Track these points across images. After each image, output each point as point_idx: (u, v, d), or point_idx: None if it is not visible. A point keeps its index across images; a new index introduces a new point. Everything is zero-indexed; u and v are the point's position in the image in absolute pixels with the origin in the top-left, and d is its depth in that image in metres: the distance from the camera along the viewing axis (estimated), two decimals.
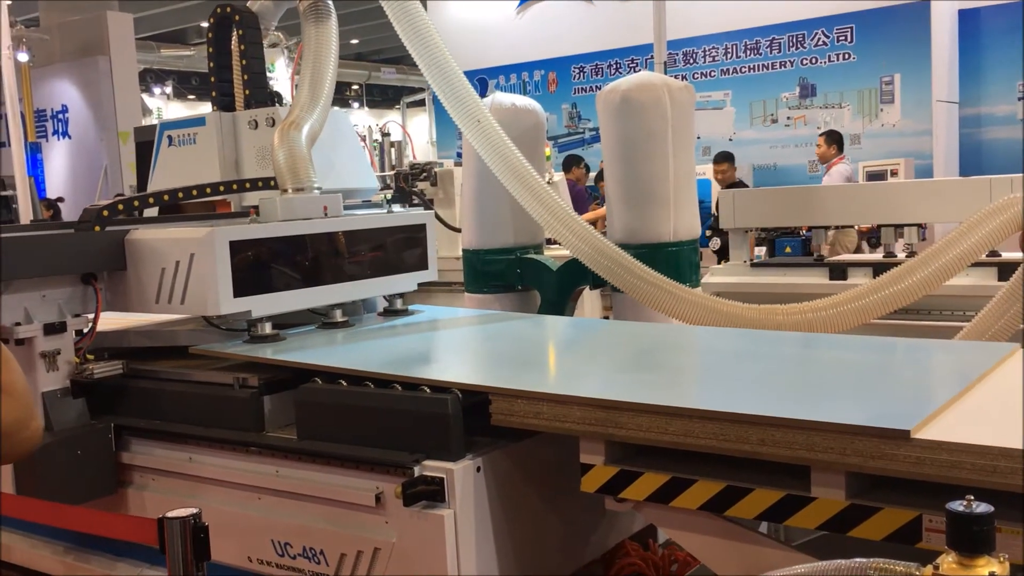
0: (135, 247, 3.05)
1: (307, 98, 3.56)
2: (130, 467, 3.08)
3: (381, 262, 3.50)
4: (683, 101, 4.36)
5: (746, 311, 3.52)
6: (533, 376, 2.82)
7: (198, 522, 1.61)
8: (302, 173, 3.38)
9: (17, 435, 1.52)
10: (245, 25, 3.87)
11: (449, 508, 2.38)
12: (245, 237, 3.01)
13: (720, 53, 11.38)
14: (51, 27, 14.19)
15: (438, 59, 3.67)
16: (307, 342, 3.19)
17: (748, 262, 5.67)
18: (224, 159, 3.83)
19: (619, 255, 3.87)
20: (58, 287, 2.98)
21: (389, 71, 24.17)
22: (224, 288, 2.91)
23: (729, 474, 2.17)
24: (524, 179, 3.80)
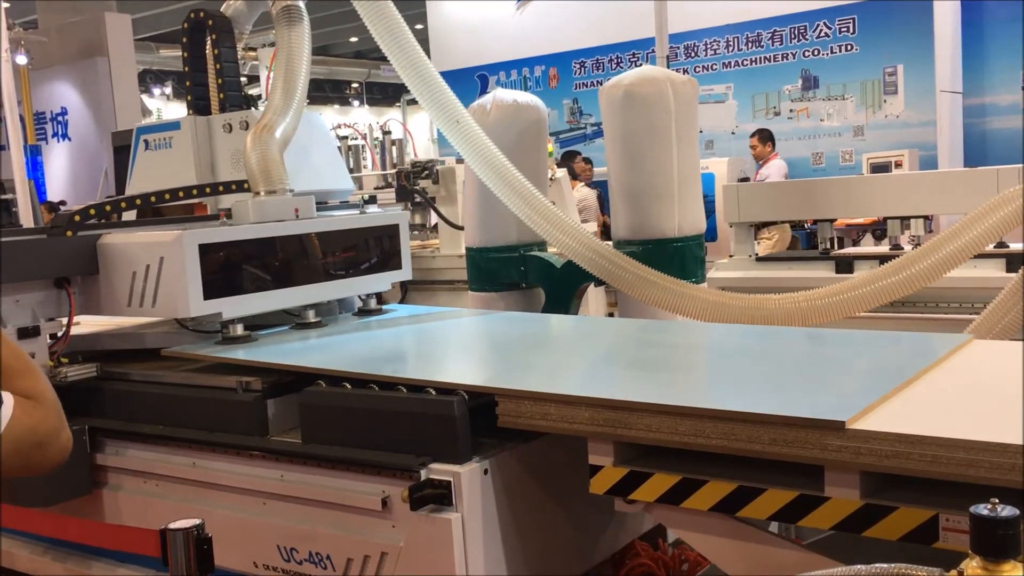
0: (107, 251, 3.08)
1: (280, 101, 3.59)
2: (105, 468, 3.10)
3: (353, 262, 3.53)
4: (687, 95, 4.32)
5: (742, 301, 3.46)
6: (514, 376, 2.77)
7: (201, 533, 1.58)
8: (274, 176, 3.41)
9: (52, 444, 1.52)
10: (218, 29, 3.90)
11: (456, 511, 2.35)
12: (214, 240, 3.04)
13: (721, 46, 11.32)
14: (49, 29, 14.16)
15: (413, 59, 3.63)
16: (278, 343, 3.20)
17: (753, 256, 5.63)
18: (199, 162, 3.87)
19: (604, 248, 3.82)
20: (31, 292, 3.01)
21: (388, 69, 23.93)
22: (194, 290, 2.95)
23: (741, 474, 2.14)
24: (506, 178, 3.75)
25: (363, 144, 8.85)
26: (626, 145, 4.33)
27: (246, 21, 4.15)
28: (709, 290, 3.54)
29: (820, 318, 3.13)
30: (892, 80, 10.41)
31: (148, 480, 3.03)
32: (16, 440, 1.44)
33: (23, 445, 1.45)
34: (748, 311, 3.29)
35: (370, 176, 8.12)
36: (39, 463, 1.50)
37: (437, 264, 6.55)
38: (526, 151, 4.72)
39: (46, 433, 1.50)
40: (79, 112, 14.10)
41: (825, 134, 10.81)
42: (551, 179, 6.01)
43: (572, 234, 3.81)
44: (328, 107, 25.76)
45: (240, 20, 4.10)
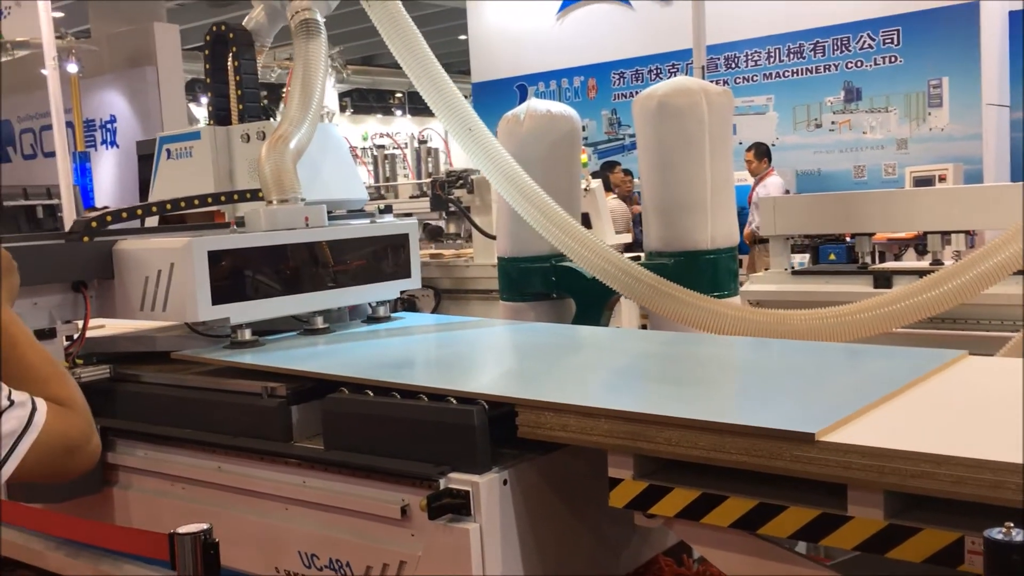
0: (122, 256, 3.18)
1: (296, 112, 3.66)
2: (115, 467, 3.19)
3: (361, 270, 3.59)
4: (721, 106, 4.29)
5: (765, 316, 3.39)
6: (519, 385, 2.79)
7: (208, 538, 1.59)
8: (286, 185, 3.48)
9: (83, 449, 1.55)
10: (239, 43, 3.97)
11: (475, 522, 2.34)
12: (224, 247, 3.12)
13: (763, 57, 11.21)
14: (100, 38, 14.44)
15: (427, 68, 3.63)
16: (286, 348, 3.27)
17: (789, 270, 5.56)
18: (218, 171, 3.95)
19: (619, 259, 3.76)
20: (49, 295, 3.11)
21: None
22: (203, 296, 3.02)
23: (763, 491, 2.10)
24: (520, 186, 3.72)
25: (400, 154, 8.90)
26: (659, 156, 4.31)
27: (267, 34, 4.23)
28: (731, 304, 3.50)
29: (849, 335, 3.07)
30: (937, 92, 10.24)
31: (163, 481, 3.09)
32: (49, 446, 1.46)
33: (56, 451, 1.48)
34: (771, 327, 3.23)
35: (406, 185, 8.16)
36: (69, 468, 1.53)
37: (471, 273, 6.57)
38: (559, 161, 4.72)
39: (77, 439, 1.52)
40: (127, 120, 14.35)
41: (867, 147, 10.65)
42: (585, 190, 5.99)
43: (585, 243, 3.75)
44: (371, 116, 25.98)
45: (261, 33, 4.19)
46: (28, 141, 14.19)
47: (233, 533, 2.84)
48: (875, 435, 1.98)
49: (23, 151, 14.38)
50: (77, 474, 1.56)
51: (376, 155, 8.91)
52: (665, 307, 3.63)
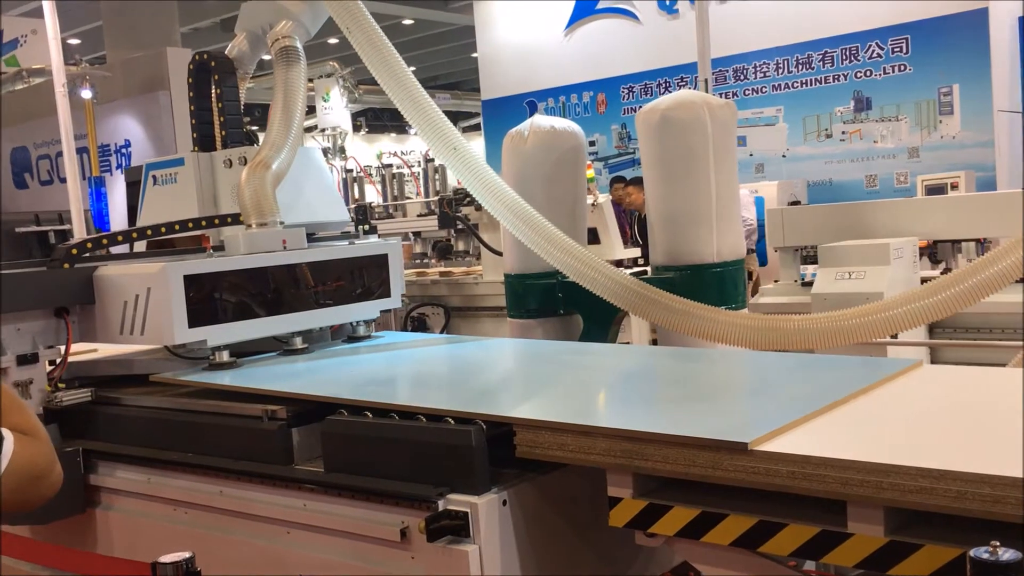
0: (102, 282, 3.27)
1: (276, 138, 3.74)
2: (98, 488, 3.26)
3: (339, 291, 3.67)
4: (724, 119, 4.27)
5: (760, 322, 3.33)
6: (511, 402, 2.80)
7: (191, 567, 1.58)
8: (265, 209, 3.57)
9: (48, 477, 1.56)
10: (221, 71, 4.04)
11: (474, 543, 2.32)
12: (199, 271, 3.23)
13: (771, 68, 11.18)
14: (115, 64, 14.58)
15: (409, 89, 3.64)
16: (263, 368, 3.32)
17: (799, 281, 5.52)
18: (202, 196, 4.01)
19: (610, 270, 3.72)
20: (32, 320, 3.20)
21: (443, 96, 24.36)
22: (179, 319, 3.12)
23: (763, 508, 2.07)
24: (507, 202, 3.68)
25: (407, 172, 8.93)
26: (663, 170, 4.29)
27: (249, 62, 4.29)
28: (724, 311, 3.42)
29: (841, 339, 3.01)
30: (948, 100, 10.17)
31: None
32: (18, 474, 1.48)
33: (23, 479, 1.49)
34: (766, 332, 3.17)
35: (414, 203, 8.17)
36: (35, 496, 1.53)
37: (480, 290, 6.57)
38: (564, 177, 4.71)
39: (43, 467, 1.54)
40: (141, 144, 14.47)
41: (879, 156, 10.59)
42: (593, 205, 5.98)
43: (571, 252, 3.70)
44: (385, 135, 26.11)
45: (243, 61, 4.25)
46: (45, 167, 14.31)
47: (235, 557, 2.83)
48: (874, 449, 1.95)
49: (40, 177, 14.51)
50: (41, 502, 1.57)
51: (384, 174, 8.95)
52: (649, 315, 3.59)
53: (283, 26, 3.98)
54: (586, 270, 3.66)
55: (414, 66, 23.82)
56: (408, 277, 6.81)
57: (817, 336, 3.06)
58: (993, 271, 2.85)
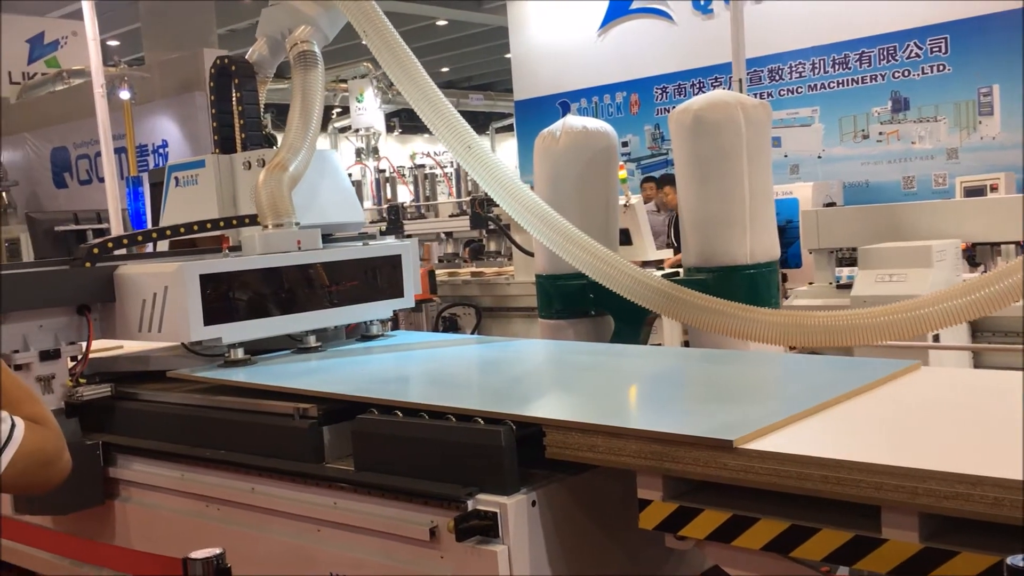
0: (122, 281, 3.38)
1: (293, 140, 3.81)
2: (116, 481, 3.37)
3: (352, 291, 3.74)
4: (759, 119, 4.23)
5: (782, 318, 3.26)
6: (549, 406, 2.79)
7: (221, 563, 1.59)
8: (281, 210, 3.64)
9: (56, 463, 1.67)
10: (241, 74, 4.10)
11: (503, 544, 2.32)
12: (214, 271, 3.30)
13: (807, 68, 11.07)
14: (152, 65, 14.77)
15: (425, 90, 3.63)
16: (277, 366, 3.41)
17: (833, 284, 5.46)
18: (222, 197, 4.08)
19: (631, 268, 3.67)
20: (54, 317, 3.33)
21: (477, 97, 24.43)
22: (195, 317, 3.20)
23: (795, 512, 2.05)
24: (524, 201, 3.63)
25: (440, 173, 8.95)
26: (696, 171, 4.26)
27: (269, 66, 4.34)
28: (753, 308, 3.36)
29: (870, 337, 2.95)
30: (987, 101, 10.01)
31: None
32: (27, 459, 1.58)
33: (32, 464, 1.59)
34: (796, 329, 3.11)
35: (446, 204, 8.19)
36: (44, 481, 1.65)
37: (511, 291, 6.57)
38: (596, 177, 4.69)
39: (51, 453, 1.65)
40: (178, 144, 14.64)
41: (917, 157, 10.44)
42: (625, 206, 5.96)
43: (590, 249, 3.64)
44: (418, 136, 26.21)
45: (264, 65, 4.30)
46: (84, 167, 14.53)
47: (265, 554, 2.85)
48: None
49: (79, 177, 14.73)
50: (50, 487, 1.67)
51: (416, 174, 8.98)
52: (670, 311, 3.52)
53: (302, 31, 4.03)
54: (605, 267, 3.61)
55: (447, 67, 23.93)
56: (440, 277, 6.83)
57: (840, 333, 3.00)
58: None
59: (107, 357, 3.65)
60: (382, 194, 9.82)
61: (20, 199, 15.40)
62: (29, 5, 16.43)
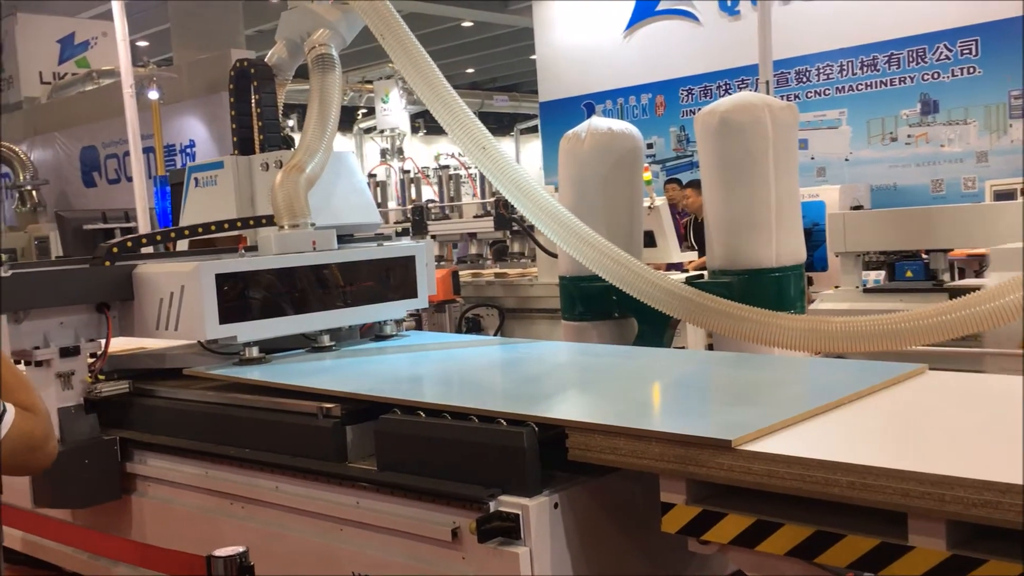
0: (140, 280, 3.46)
1: (310, 142, 3.87)
2: (133, 476, 3.46)
3: (366, 291, 3.81)
4: (785, 121, 4.20)
5: (823, 325, 3.21)
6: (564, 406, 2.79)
7: (244, 561, 1.60)
8: (297, 211, 3.69)
9: (43, 448, 1.76)
10: (260, 77, 4.17)
11: (525, 545, 2.31)
12: (230, 270, 3.36)
13: (835, 70, 10.96)
14: (181, 66, 14.89)
15: (440, 92, 3.65)
16: (291, 364, 3.47)
17: (860, 287, 5.41)
18: (240, 198, 4.13)
19: (644, 270, 3.63)
20: (75, 315, 3.39)
21: (501, 98, 24.41)
22: (210, 316, 3.27)
23: (819, 518, 2.03)
24: (538, 201, 3.62)
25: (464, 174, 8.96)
26: (721, 173, 4.23)
27: (288, 69, 4.39)
28: (790, 316, 3.32)
29: (915, 340, 2.91)
30: (1019, 103, 9.86)
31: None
32: (15, 442, 1.67)
33: (19, 448, 1.68)
34: (819, 335, 3.08)
35: (470, 205, 8.19)
36: (31, 464, 1.74)
37: (535, 292, 6.55)
38: (621, 179, 4.68)
39: (39, 439, 1.73)
40: (205, 144, 14.74)
41: (946, 160, 10.31)
42: (649, 208, 5.93)
43: (603, 250, 3.60)
44: (443, 137, 26.21)
45: (283, 68, 4.35)
46: (112, 166, 14.67)
47: (288, 553, 2.86)
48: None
49: (107, 176, 14.87)
50: (36, 471, 1.77)
51: (441, 175, 8.99)
52: (689, 315, 3.50)
53: (320, 34, 4.09)
54: (621, 270, 3.58)
55: (473, 68, 23.92)
56: (463, 278, 6.82)
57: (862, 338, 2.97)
58: None
59: (125, 354, 3.72)
60: (406, 194, 9.83)
61: (50, 198, 15.58)
62: (60, 5, 16.62)
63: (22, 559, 3.98)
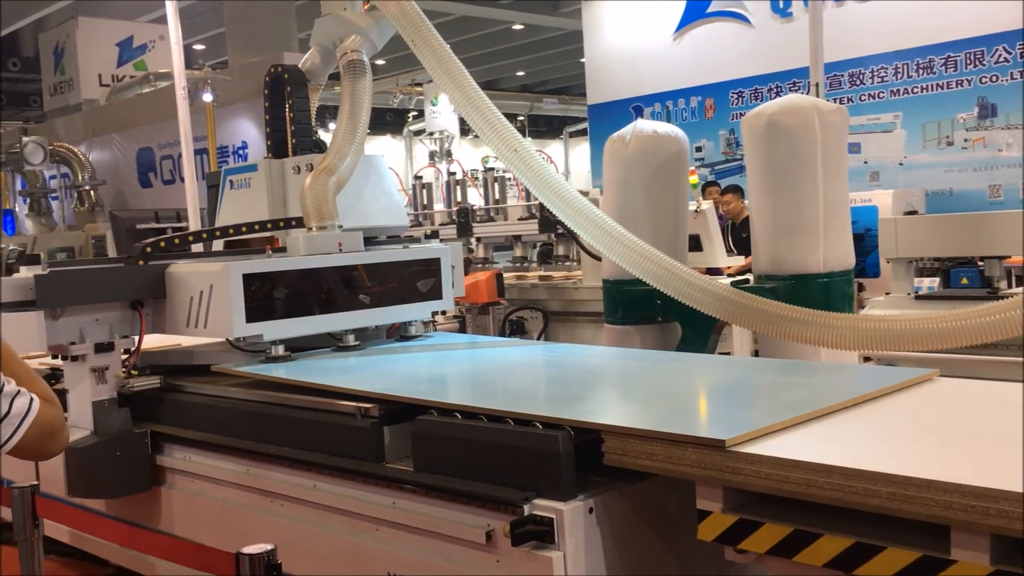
0: (172, 279, 3.57)
1: (340, 146, 3.93)
2: (163, 468, 3.58)
3: (390, 292, 3.88)
4: (835, 124, 4.12)
5: (871, 323, 3.15)
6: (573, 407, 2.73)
7: (272, 559, 1.60)
8: (325, 213, 3.76)
9: (59, 436, 1.90)
10: (293, 82, 4.25)
11: (559, 550, 2.30)
12: (257, 270, 3.47)
13: (889, 73, 10.76)
14: (235, 68, 15.12)
15: (470, 94, 3.69)
16: (316, 363, 3.55)
17: (912, 294, 5.29)
18: (273, 200, 4.21)
19: (679, 269, 3.58)
20: (110, 311, 3.53)
21: (551, 101, 24.42)
22: (237, 314, 3.36)
23: (859, 529, 1.98)
24: (573, 203, 3.59)
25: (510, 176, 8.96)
26: (768, 177, 4.17)
27: (321, 74, 4.46)
28: (838, 315, 3.24)
29: (963, 340, 2.83)
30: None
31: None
32: (40, 428, 1.82)
33: (42, 433, 1.83)
34: (868, 335, 3.01)
35: (515, 207, 8.19)
36: (48, 450, 1.89)
37: (579, 295, 6.52)
38: (666, 183, 4.64)
39: (58, 427, 1.89)
40: (257, 146, 14.93)
41: (1004, 165, 10.06)
42: (696, 211, 5.87)
43: (639, 251, 3.56)
44: None
45: (316, 73, 4.42)
46: (167, 167, 14.94)
47: (324, 551, 2.88)
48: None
49: (163, 177, 15.15)
50: (51, 455, 1.92)
51: (487, 178, 9.02)
52: (725, 313, 3.45)
53: (351, 40, 4.15)
54: (652, 267, 3.56)
55: (523, 71, 23.95)
56: (508, 280, 6.82)
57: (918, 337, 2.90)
58: None
59: (157, 351, 3.84)
60: (452, 197, 9.88)
61: (107, 198, 15.91)
62: (119, 9, 16.96)
63: (69, 551, 4.07)
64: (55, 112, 18.15)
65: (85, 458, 3.40)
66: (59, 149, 15.88)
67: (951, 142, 10.41)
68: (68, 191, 16.15)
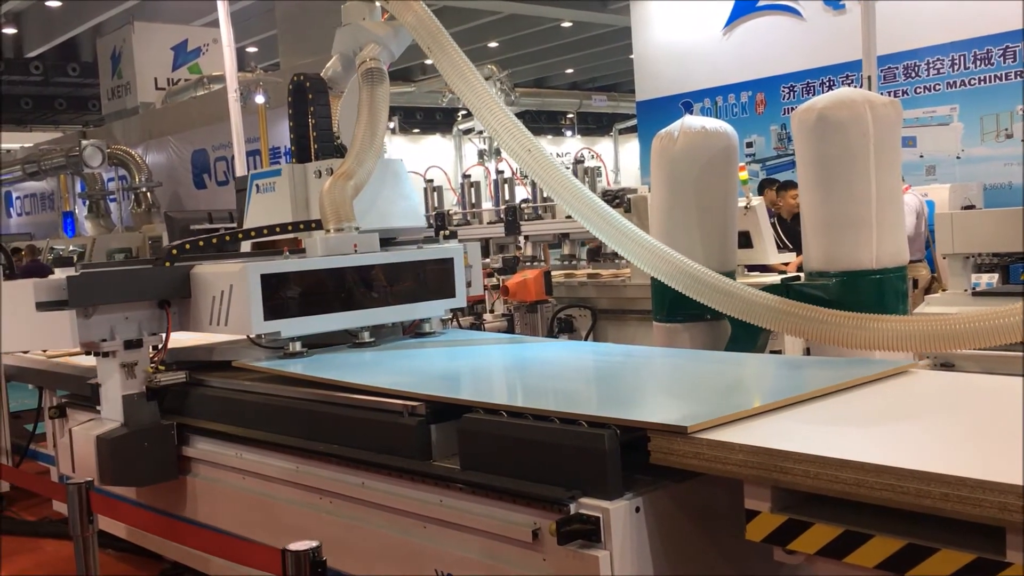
0: (196, 279, 3.74)
1: (359, 151, 4.07)
2: (189, 459, 3.78)
3: (404, 291, 4.03)
4: (887, 117, 4.05)
5: (919, 325, 3.09)
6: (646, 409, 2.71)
7: (317, 556, 1.62)
8: (343, 215, 3.91)
9: None
10: (315, 90, 4.39)
11: (605, 549, 2.29)
12: (275, 271, 3.64)
13: (946, 65, 10.52)
14: (287, 70, 15.30)
15: (484, 98, 3.79)
16: (331, 359, 3.68)
17: (969, 291, 5.17)
18: (296, 203, 4.37)
19: (700, 271, 3.56)
20: (138, 310, 3.71)
21: (600, 98, 24.32)
22: (256, 312, 3.53)
23: (911, 530, 1.95)
24: (590, 204, 3.61)
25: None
26: (819, 171, 4.11)
27: (342, 82, 4.57)
28: (886, 318, 3.18)
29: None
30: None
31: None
32: None
33: None
34: (915, 337, 2.96)
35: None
36: None
37: (628, 293, 6.48)
38: (714, 179, 4.59)
39: None
40: None
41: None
42: (746, 208, 5.81)
43: (649, 247, 3.64)
44: (542, 138, 26.28)
45: (338, 81, 4.55)
46: (221, 168, 15.19)
47: (372, 548, 2.90)
48: None
49: (216, 178, 15.40)
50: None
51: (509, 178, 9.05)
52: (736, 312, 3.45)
53: (369, 49, 4.27)
54: (658, 263, 3.62)
55: (572, 68, 23.89)
56: (556, 279, 6.81)
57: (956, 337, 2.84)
58: None
59: (181, 348, 4.00)
60: (499, 195, 9.89)
61: (163, 199, 16.23)
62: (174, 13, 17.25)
63: (127, 547, 4.16)
64: (112, 115, 18.57)
65: (115, 448, 3.59)
66: (117, 152, 16.25)
67: (1010, 135, 10.15)
68: (125, 193, 16.52)
